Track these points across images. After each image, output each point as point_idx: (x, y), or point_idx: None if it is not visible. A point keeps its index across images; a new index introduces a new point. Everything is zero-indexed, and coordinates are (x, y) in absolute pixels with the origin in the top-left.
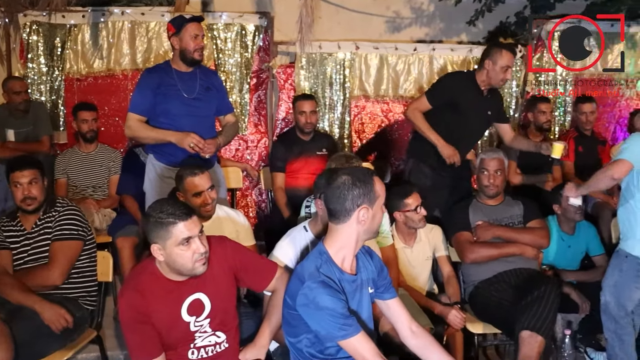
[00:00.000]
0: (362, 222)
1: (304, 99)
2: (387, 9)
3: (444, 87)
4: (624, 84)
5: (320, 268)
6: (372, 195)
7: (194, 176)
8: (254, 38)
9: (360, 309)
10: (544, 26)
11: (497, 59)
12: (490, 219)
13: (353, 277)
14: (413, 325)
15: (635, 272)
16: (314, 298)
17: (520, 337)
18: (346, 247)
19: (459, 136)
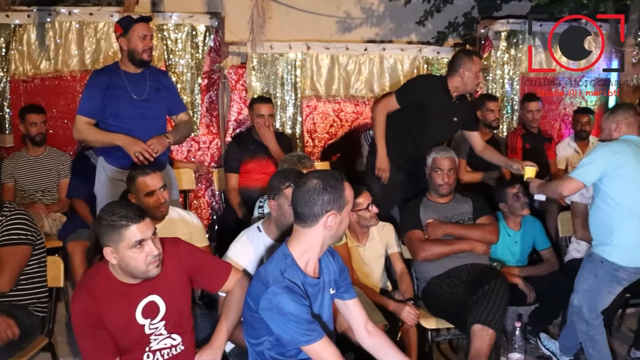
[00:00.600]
0: (329, 228)
1: (262, 102)
2: (338, 9)
3: (413, 88)
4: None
5: (285, 272)
6: (342, 201)
7: (146, 176)
8: (205, 39)
9: (322, 310)
10: (491, 26)
11: (471, 65)
12: (440, 217)
13: (316, 281)
14: (369, 325)
15: (610, 278)
16: (277, 303)
17: (472, 331)
18: (311, 250)
19: (419, 137)
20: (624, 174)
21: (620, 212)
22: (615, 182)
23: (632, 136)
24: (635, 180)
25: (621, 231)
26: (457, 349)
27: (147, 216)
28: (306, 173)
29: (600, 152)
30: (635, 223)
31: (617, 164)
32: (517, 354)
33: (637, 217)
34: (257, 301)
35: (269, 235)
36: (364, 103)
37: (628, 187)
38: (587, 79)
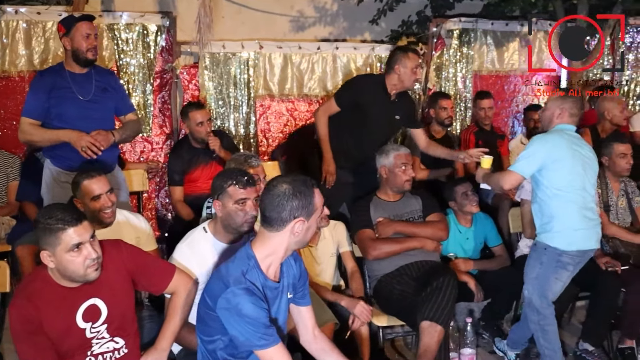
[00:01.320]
0: (296, 234)
1: (198, 108)
2: (291, 8)
3: (350, 90)
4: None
5: (247, 274)
6: (311, 207)
7: (91, 179)
8: (156, 38)
9: (278, 314)
10: (444, 25)
11: (406, 62)
12: (390, 215)
13: (276, 285)
14: (316, 330)
15: (555, 264)
16: (237, 304)
17: (421, 328)
18: (274, 254)
19: (362, 137)
20: (560, 164)
21: (559, 199)
22: (552, 174)
23: (567, 125)
24: (571, 168)
25: (560, 217)
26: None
27: (85, 219)
28: (276, 177)
29: (537, 145)
30: (574, 209)
31: (554, 156)
32: (469, 349)
33: (574, 203)
34: (215, 299)
35: (215, 235)
36: (317, 102)
37: (565, 176)
38: (538, 76)
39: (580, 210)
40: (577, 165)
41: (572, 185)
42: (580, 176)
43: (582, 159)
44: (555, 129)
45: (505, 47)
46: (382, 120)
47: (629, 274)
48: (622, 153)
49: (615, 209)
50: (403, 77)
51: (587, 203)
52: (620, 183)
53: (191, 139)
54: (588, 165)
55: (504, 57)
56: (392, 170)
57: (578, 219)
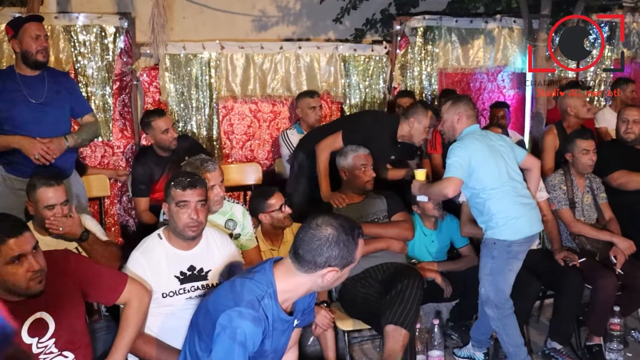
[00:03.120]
0: (325, 282)
1: (160, 115)
2: (253, 7)
3: (361, 131)
4: (486, 77)
5: (262, 300)
6: (350, 259)
7: (49, 187)
8: (115, 40)
9: (283, 342)
10: (408, 23)
11: (423, 119)
12: (354, 217)
13: (288, 317)
14: (295, 354)
15: (506, 255)
16: (236, 327)
17: (385, 331)
18: (294, 292)
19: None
20: (485, 165)
21: (494, 197)
22: (481, 176)
23: (472, 127)
24: (495, 164)
25: (500, 212)
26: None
27: (27, 230)
28: (324, 217)
29: (459, 153)
30: (510, 200)
31: (478, 159)
32: (437, 351)
33: (508, 195)
34: (218, 311)
35: (169, 241)
36: (281, 102)
37: (492, 174)
38: (503, 73)
39: (515, 199)
40: (498, 159)
41: (501, 180)
42: (504, 167)
43: (498, 150)
44: (464, 133)
45: (470, 45)
46: (379, 158)
47: (594, 271)
48: (584, 149)
49: (580, 205)
50: (414, 131)
51: (519, 190)
52: (585, 179)
53: (156, 148)
54: (506, 154)
55: (469, 54)
56: (352, 171)
57: (516, 208)
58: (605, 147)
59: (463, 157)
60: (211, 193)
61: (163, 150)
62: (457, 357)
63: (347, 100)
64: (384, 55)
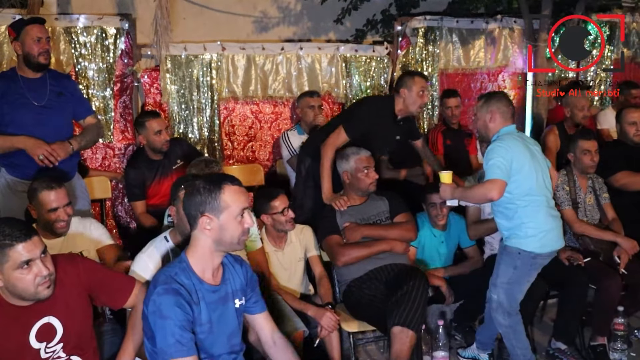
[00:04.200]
0: (207, 231)
1: (154, 117)
2: (254, 8)
3: (361, 119)
4: (487, 78)
5: (176, 275)
6: (216, 204)
7: (50, 190)
8: (116, 41)
9: (224, 322)
10: (408, 23)
11: (411, 85)
12: (357, 219)
13: (215, 288)
14: (275, 335)
15: (529, 267)
16: (160, 304)
17: (392, 333)
18: (203, 256)
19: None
20: (524, 169)
21: (529, 204)
22: (519, 179)
23: (510, 127)
24: (535, 170)
25: (532, 222)
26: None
27: (36, 234)
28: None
29: (502, 151)
30: (543, 211)
31: (520, 162)
32: (442, 352)
33: (542, 205)
34: (146, 304)
35: (176, 244)
36: (282, 104)
37: (532, 180)
38: (504, 74)
39: (548, 210)
40: (536, 165)
41: (538, 188)
42: (541, 175)
43: (536, 156)
44: (502, 133)
45: (471, 45)
46: (384, 143)
47: (598, 271)
48: (586, 150)
49: (583, 206)
50: (408, 101)
51: (550, 201)
52: (587, 180)
53: (148, 150)
54: (542, 161)
55: (470, 54)
56: (355, 174)
57: (549, 220)
58: (607, 148)
59: (506, 157)
60: None
61: (155, 153)
62: (462, 357)
63: (349, 101)
64: (385, 55)
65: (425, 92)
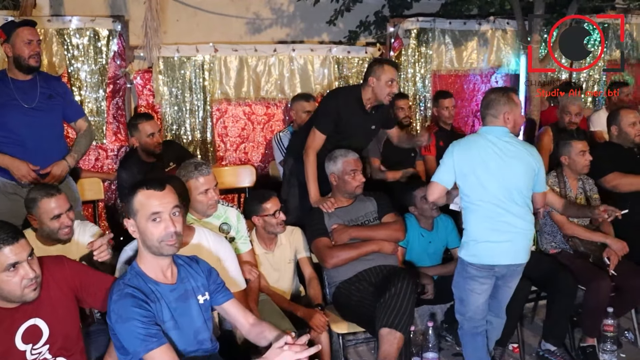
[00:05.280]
0: (135, 234)
1: (147, 119)
2: (247, 10)
3: (328, 112)
4: (479, 79)
5: (129, 281)
6: (132, 207)
7: (51, 197)
8: (108, 43)
9: (188, 318)
10: (401, 25)
11: (380, 74)
12: (345, 221)
13: (172, 286)
14: (250, 318)
15: (464, 274)
16: (118, 310)
17: (380, 335)
18: (148, 259)
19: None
20: (468, 175)
21: (473, 210)
22: (462, 182)
23: (490, 128)
24: (485, 179)
25: (470, 228)
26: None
27: (23, 237)
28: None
29: (446, 153)
30: (487, 222)
31: (461, 166)
32: (432, 353)
33: (488, 214)
34: (108, 317)
35: None
36: (275, 105)
37: (477, 186)
38: (497, 75)
39: (496, 223)
40: (500, 172)
41: (492, 196)
42: (506, 184)
43: (510, 163)
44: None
45: (463, 46)
46: (359, 134)
47: (588, 272)
48: (581, 150)
49: None
50: (376, 90)
51: (508, 214)
52: (578, 181)
53: (140, 152)
54: (521, 170)
55: (462, 56)
56: (342, 177)
57: (491, 232)
58: (599, 149)
59: (446, 161)
60: (205, 197)
61: (147, 155)
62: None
63: None
64: (377, 57)
65: (394, 83)
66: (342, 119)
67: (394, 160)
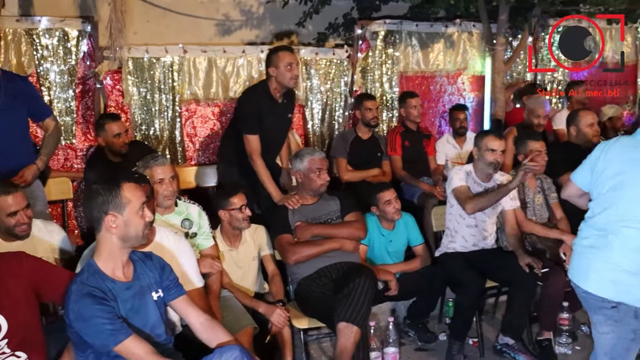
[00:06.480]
0: (113, 229)
1: (114, 119)
2: (217, 12)
3: (247, 113)
4: (446, 80)
5: (87, 280)
6: (118, 201)
7: (7, 195)
8: (78, 43)
9: (144, 314)
10: (368, 27)
11: (277, 61)
12: (308, 218)
13: (128, 284)
14: (202, 318)
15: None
16: (79, 310)
17: (338, 329)
18: (112, 255)
19: (267, 149)
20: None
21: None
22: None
23: None
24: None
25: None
26: None
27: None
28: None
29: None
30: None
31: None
32: (392, 348)
33: None
34: (67, 315)
35: None
36: None
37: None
38: (463, 77)
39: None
40: None
41: None
42: None
43: None
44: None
45: (430, 48)
46: (279, 124)
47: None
48: (536, 150)
49: (532, 205)
50: (279, 78)
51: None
52: (537, 180)
53: (107, 152)
54: None
55: (429, 57)
56: (307, 175)
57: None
58: (556, 148)
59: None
60: (160, 187)
61: (114, 155)
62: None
63: (309, 103)
64: (345, 58)
65: (293, 65)
66: (262, 116)
67: (360, 160)
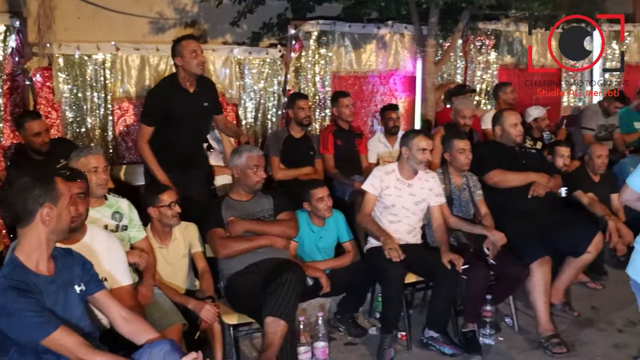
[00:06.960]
0: (47, 222)
1: (34, 118)
2: (150, 9)
3: (150, 104)
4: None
5: (9, 274)
6: (54, 193)
7: None
8: (6, 39)
9: (69, 307)
10: (302, 27)
11: (180, 50)
12: (242, 214)
13: (51, 278)
14: (123, 312)
15: None
16: (3, 304)
17: (265, 323)
18: (36, 250)
19: (183, 138)
20: None
21: None
22: None
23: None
24: None
25: None
26: None
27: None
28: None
29: None
30: None
31: None
32: (322, 342)
33: None
34: None
35: None
36: None
37: None
38: (395, 77)
39: None
40: None
41: None
42: None
43: None
44: None
45: (362, 49)
46: (193, 113)
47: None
48: (461, 149)
49: (458, 201)
50: (186, 67)
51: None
52: (462, 177)
53: (29, 150)
54: None
55: (361, 58)
56: (244, 170)
57: None
58: (482, 147)
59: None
60: (95, 175)
61: (36, 154)
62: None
63: (242, 102)
64: (278, 58)
65: (197, 51)
66: (168, 106)
67: (293, 159)
